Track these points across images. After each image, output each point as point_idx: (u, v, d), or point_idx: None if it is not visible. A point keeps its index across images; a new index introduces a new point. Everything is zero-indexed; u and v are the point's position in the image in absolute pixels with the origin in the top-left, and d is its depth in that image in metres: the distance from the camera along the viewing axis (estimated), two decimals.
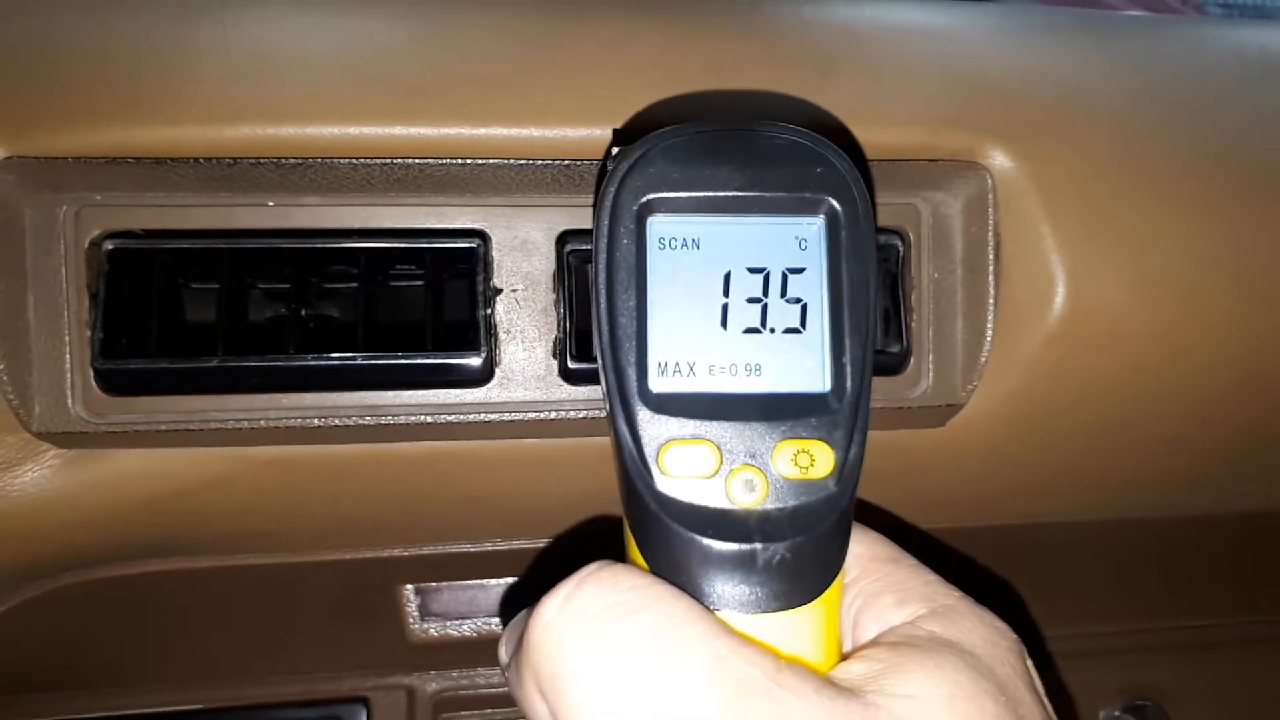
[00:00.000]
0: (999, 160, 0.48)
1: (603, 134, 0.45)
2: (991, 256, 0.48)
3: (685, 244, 0.31)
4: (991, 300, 0.48)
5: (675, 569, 0.29)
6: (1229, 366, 0.51)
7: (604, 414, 0.47)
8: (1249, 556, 0.74)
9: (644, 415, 0.30)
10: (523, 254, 0.47)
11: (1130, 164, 0.49)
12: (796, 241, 0.32)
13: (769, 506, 0.29)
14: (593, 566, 0.28)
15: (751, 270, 0.31)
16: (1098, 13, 0.72)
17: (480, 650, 0.65)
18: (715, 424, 0.30)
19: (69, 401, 0.44)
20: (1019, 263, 0.48)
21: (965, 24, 0.55)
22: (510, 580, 0.63)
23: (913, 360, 0.50)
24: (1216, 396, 0.52)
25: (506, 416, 0.46)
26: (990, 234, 0.48)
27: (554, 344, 0.47)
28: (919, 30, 0.54)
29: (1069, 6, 1.00)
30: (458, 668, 0.68)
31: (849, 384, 0.31)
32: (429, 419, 0.46)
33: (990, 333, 0.48)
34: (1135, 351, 0.49)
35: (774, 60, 0.49)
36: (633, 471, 0.30)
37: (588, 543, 0.55)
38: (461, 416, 0.46)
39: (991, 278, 0.48)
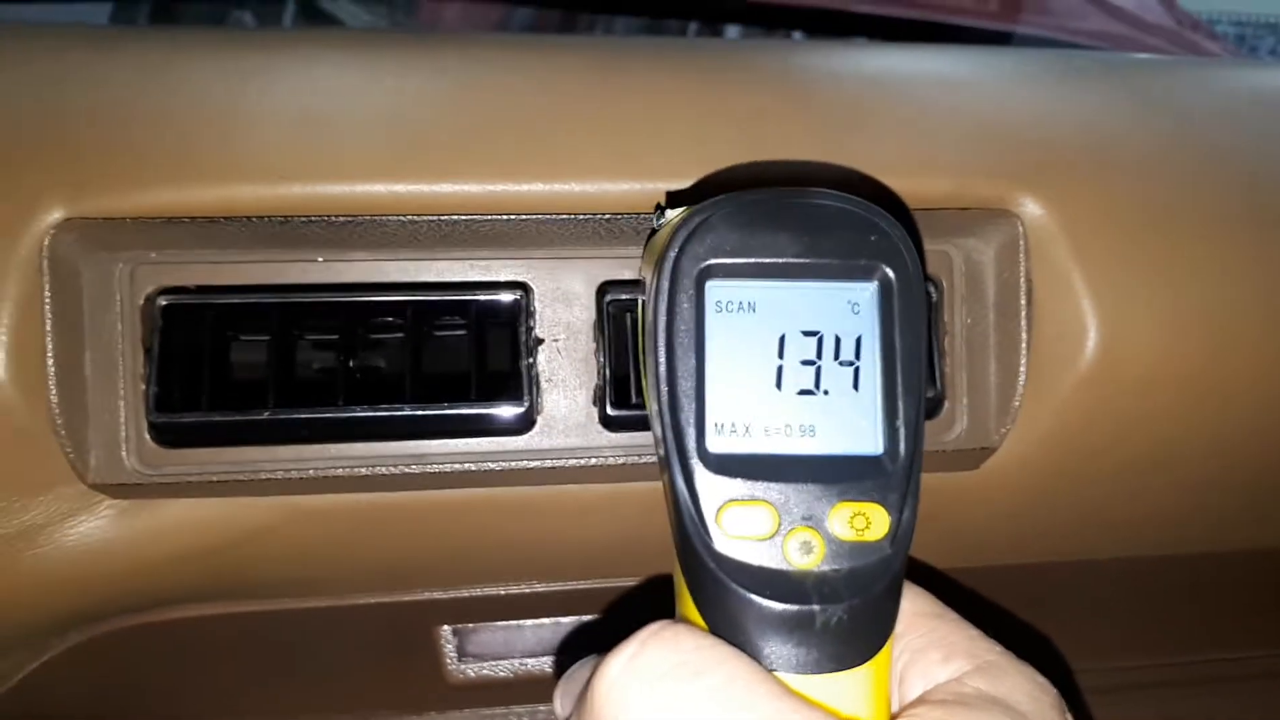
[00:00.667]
0: (1029, 207, 0.49)
1: (641, 188, 0.46)
2: (1024, 302, 0.49)
3: (742, 307, 0.32)
4: (1024, 345, 0.49)
5: (733, 628, 0.30)
6: (1260, 407, 0.52)
7: (643, 462, 0.48)
8: (1279, 590, 0.75)
9: (702, 475, 0.31)
10: (564, 304, 0.48)
11: (1159, 208, 0.50)
12: (849, 306, 0.32)
13: (826, 568, 0.30)
14: (655, 626, 0.29)
15: (806, 333, 0.32)
16: (1119, 56, 0.73)
17: (517, 690, 0.65)
18: (773, 485, 0.30)
19: (123, 454, 0.45)
20: (1051, 308, 0.49)
21: (991, 70, 0.56)
22: (547, 621, 0.63)
23: (947, 404, 0.50)
24: (1247, 436, 0.53)
25: (548, 463, 0.47)
26: (1022, 279, 0.49)
27: (594, 391, 0.48)
28: (946, 79, 0.55)
29: (1087, 47, 1.01)
30: (493, 706, 0.68)
31: (902, 446, 0.31)
32: (473, 467, 0.47)
33: (1023, 376, 0.49)
34: (1167, 394, 0.50)
35: (806, 113, 0.50)
36: (691, 530, 0.30)
37: (634, 590, 0.55)
38: (505, 464, 0.47)
39: (1024, 322, 0.49)
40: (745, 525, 0.30)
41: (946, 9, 1.02)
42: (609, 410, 0.47)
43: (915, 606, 0.34)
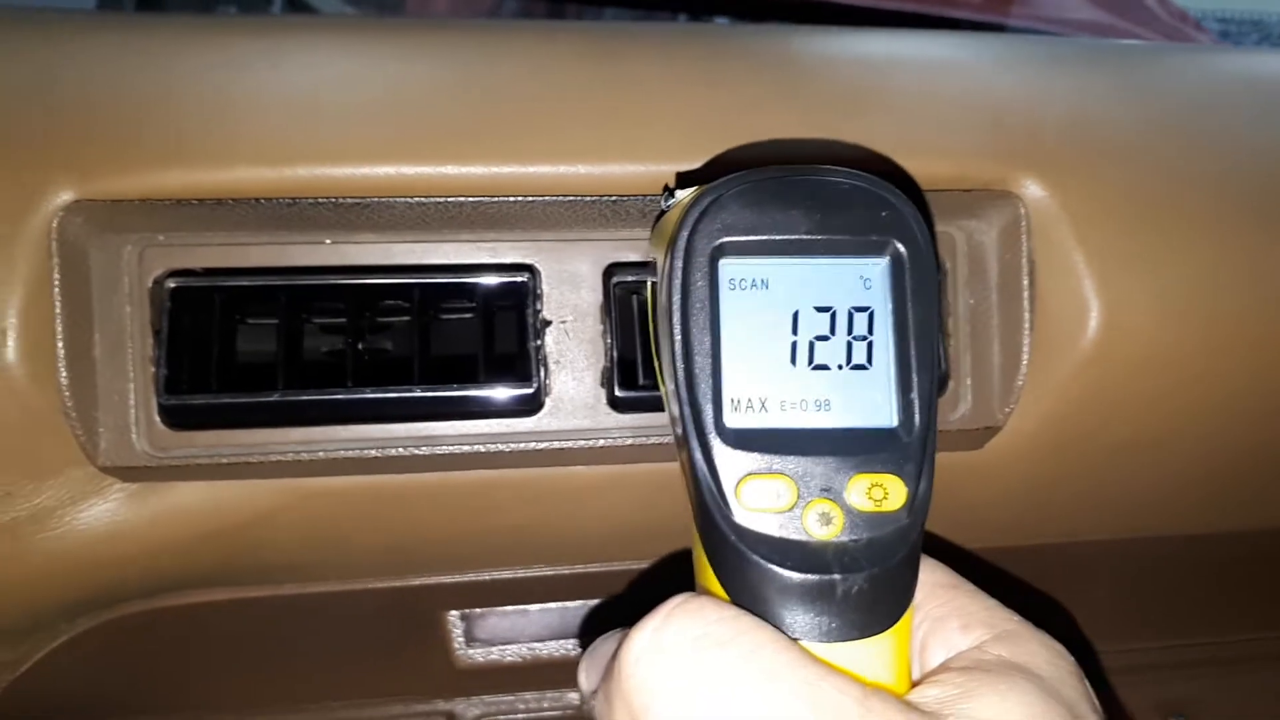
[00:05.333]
0: (1031, 189, 0.49)
1: (647, 170, 0.46)
2: (1026, 282, 0.49)
3: (755, 284, 0.33)
4: (1026, 325, 0.49)
5: (755, 599, 0.30)
6: (1259, 386, 0.52)
7: (652, 443, 0.48)
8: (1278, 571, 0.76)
9: (721, 450, 0.31)
10: (571, 287, 0.48)
11: (1159, 190, 0.51)
12: (862, 281, 0.33)
13: (845, 539, 0.30)
14: (678, 599, 0.29)
15: (819, 309, 0.33)
16: (1117, 43, 0.74)
17: (524, 675, 0.66)
18: (791, 459, 0.31)
19: (133, 436, 0.45)
20: (1053, 288, 0.49)
21: (991, 55, 0.57)
22: (554, 605, 0.64)
23: (951, 384, 0.51)
24: (1248, 415, 0.54)
25: (556, 445, 0.48)
26: (1024, 261, 0.49)
27: (602, 373, 0.48)
28: (946, 63, 0.55)
29: (1077, 35, 1.02)
30: (501, 692, 0.69)
31: (917, 418, 0.32)
32: (482, 448, 0.47)
33: (1026, 356, 0.50)
34: (1168, 373, 0.51)
35: (808, 96, 0.50)
36: (711, 504, 0.31)
37: (644, 571, 0.56)
38: (513, 445, 0.47)
39: (1026, 303, 0.49)
40: (765, 498, 0.31)
41: (939, 1, 1.02)
42: (617, 391, 0.47)
43: (933, 577, 0.34)
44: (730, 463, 0.31)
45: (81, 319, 0.43)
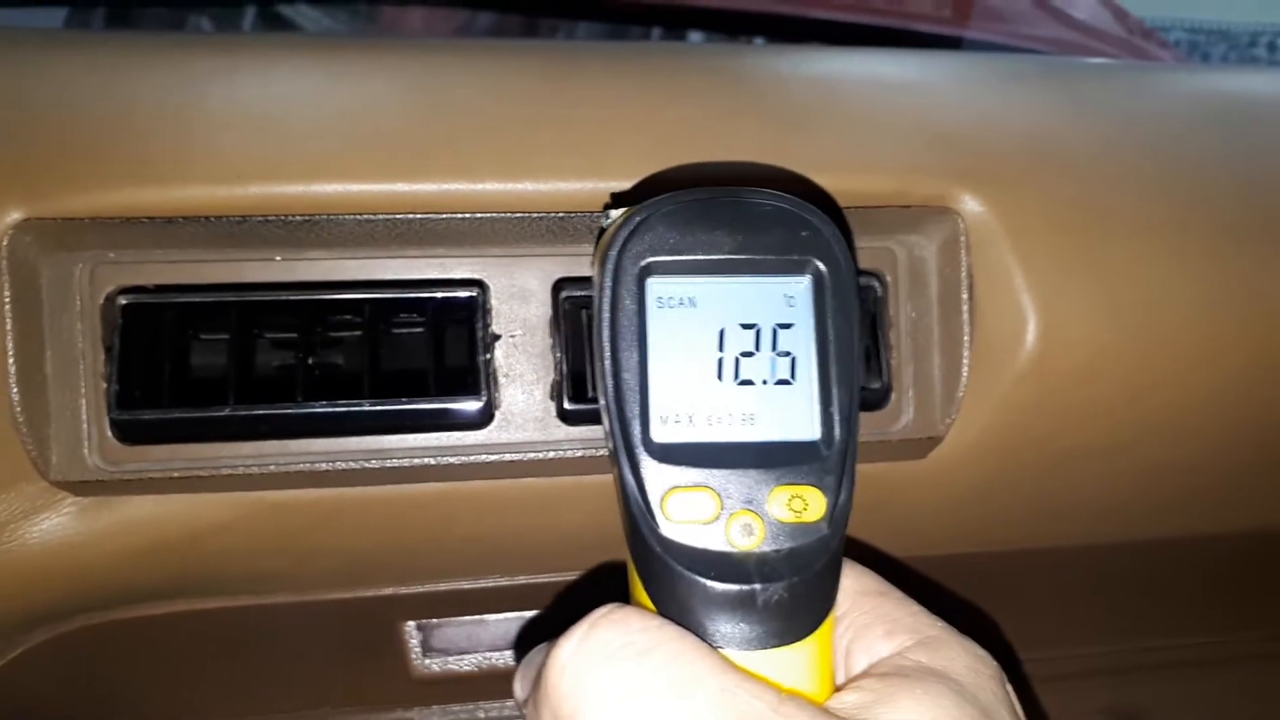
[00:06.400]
0: (970, 205, 0.51)
1: (594, 187, 0.47)
2: (965, 296, 0.51)
3: (682, 302, 0.34)
4: (966, 337, 0.51)
5: (680, 609, 0.31)
6: (1198, 395, 0.54)
7: (601, 455, 0.49)
8: (1224, 575, 0.77)
9: (648, 464, 0.32)
10: (520, 301, 0.49)
11: (1097, 205, 0.52)
12: (785, 299, 0.34)
13: (766, 549, 0.31)
14: (604, 609, 0.30)
15: (744, 326, 0.34)
16: (1063, 60, 0.75)
17: (481, 684, 0.66)
18: (715, 472, 0.32)
19: (85, 451, 0.45)
20: (992, 301, 0.51)
21: (936, 73, 0.58)
22: (511, 615, 0.64)
23: (893, 396, 0.52)
24: (1187, 424, 0.55)
25: (507, 457, 0.48)
26: (963, 275, 0.51)
27: (551, 386, 0.49)
28: (890, 81, 0.56)
29: (1036, 52, 1.03)
30: (459, 702, 0.69)
31: (837, 431, 0.33)
32: (432, 461, 0.48)
33: (966, 368, 0.51)
34: (1105, 384, 0.52)
35: (754, 114, 0.51)
36: (638, 517, 0.32)
37: (591, 578, 0.56)
38: (464, 458, 0.48)
39: (966, 316, 0.51)
40: (689, 510, 0.32)
41: (900, 15, 1.04)
42: (566, 404, 0.48)
43: (860, 585, 0.35)
44: (656, 476, 0.32)
45: (32, 336, 0.44)
